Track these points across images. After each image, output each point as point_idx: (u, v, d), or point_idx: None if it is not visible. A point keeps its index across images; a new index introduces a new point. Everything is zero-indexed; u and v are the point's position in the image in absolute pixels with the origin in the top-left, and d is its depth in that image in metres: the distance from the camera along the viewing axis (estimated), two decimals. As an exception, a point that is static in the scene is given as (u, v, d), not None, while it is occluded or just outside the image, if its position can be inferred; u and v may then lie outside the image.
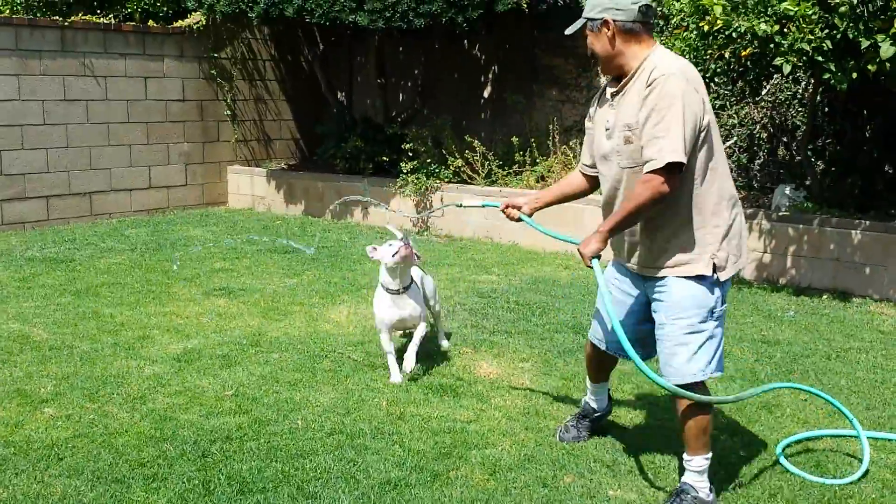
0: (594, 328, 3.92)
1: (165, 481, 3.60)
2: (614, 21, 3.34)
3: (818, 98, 7.89)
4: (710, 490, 3.45)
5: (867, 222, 6.86)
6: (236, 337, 5.57)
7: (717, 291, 3.36)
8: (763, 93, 8.44)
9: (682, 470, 3.55)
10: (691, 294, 3.35)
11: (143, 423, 4.19)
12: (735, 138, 8.75)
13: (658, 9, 8.85)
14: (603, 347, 3.87)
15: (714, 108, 8.59)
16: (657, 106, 3.21)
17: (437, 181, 9.44)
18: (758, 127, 8.73)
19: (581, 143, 9.73)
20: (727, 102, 8.60)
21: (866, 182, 7.47)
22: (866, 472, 3.74)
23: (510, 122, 10.61)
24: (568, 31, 3.52)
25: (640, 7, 3.35)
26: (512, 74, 10.74)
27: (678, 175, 3.22)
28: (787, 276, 7.18)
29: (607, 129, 3.48)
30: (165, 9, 11.19)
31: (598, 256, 3.44)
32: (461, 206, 4.51)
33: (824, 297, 6.77)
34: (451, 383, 4.76)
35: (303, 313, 6.20)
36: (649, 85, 3.25)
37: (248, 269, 7.61)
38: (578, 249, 3.47)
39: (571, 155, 9.38)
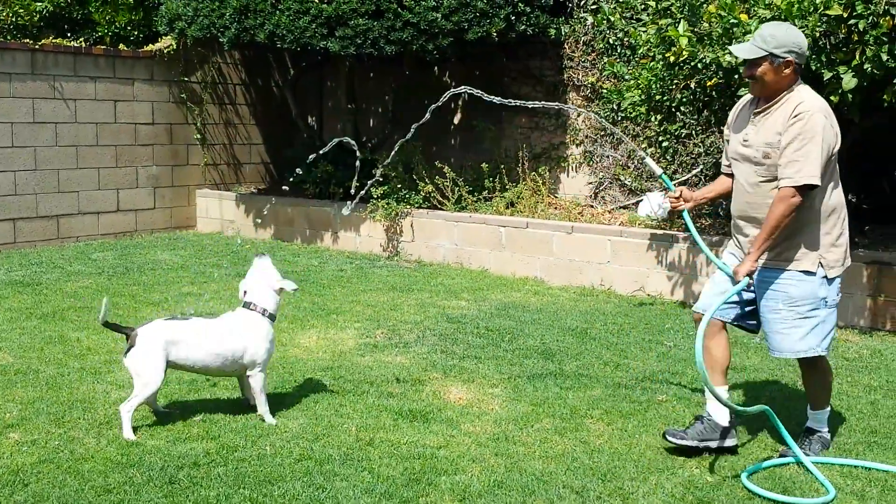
0: (701, 298, 4.42)
1: (132, 508, 3.57)
2: (795, 62, 4.00)
3: (782, 128, 8.02)
4: (827, 432, 4.35)
5: (830, 250, 6.96)
6: (204, 362, 5.53)
7: (827, 285, 4.06)
8: (729, 122, 8.57)
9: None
10: (805, 287, 4.05)
11: (110, 449, 4.14)
12: (701, 166, 8.86)
13: (626, 39, 9.00)
14: (706, 314, 4.13)
15: (680, 136, 8.71)
16: (801, 135, 3.90)
17: (408, 206, 9.47)
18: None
19: (549, 170, 9.87)
20: (693, 131, 8.72)
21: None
22: (833, 497, 3.78)
23: (480, 149, 10.68)
24: (745, 56, 4.04)
25: (807, 53, 4.10)
26: (481, 102, 10.80)
27: (809, 192, 3.94)
28: (752, 302, 7.26)
29: (745, 141, 4.15)
30: (136, 33, 11.19)
31: (751, 275, 4.09)
32: (644, 159, 4.66)
33: (789, 323, 6.85)
34: (420, 409, 4.76)
35: (272, 338, 6.16)
36: (795, 115, 3.93)
37: (217, 293, 7.57)
38: (735, 270, 4.12)
39: (540, 181, 9.46)
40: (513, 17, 9.09)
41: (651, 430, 4.56)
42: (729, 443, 4.24)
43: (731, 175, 4.35)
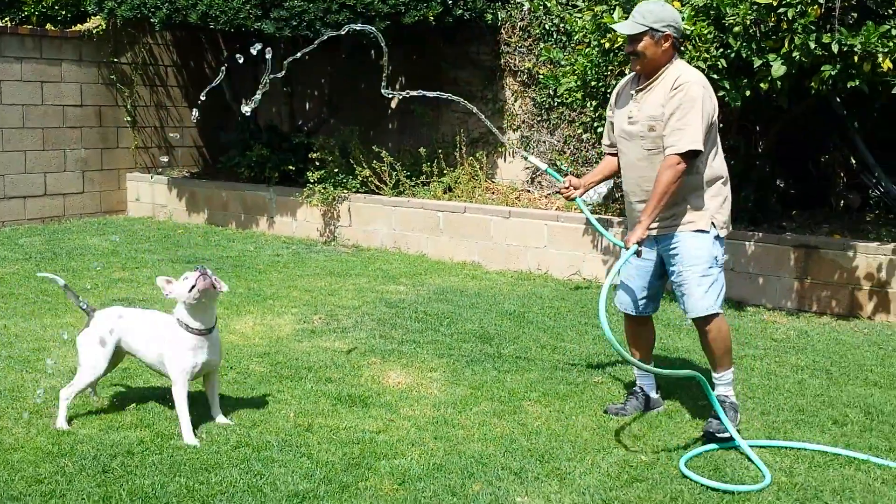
0: (620, 297, 4.59)
1: (64, 498, 3.49)
2: (673, 36, 4.18)
3: (714, 114, 8.16)
4: (734, 396, 4.43)
5: (760, 234, 7.13)
6: (138, 349, 5.44)
7: (718, 245, 4.28)
8: (662, 108, 8.69)
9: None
10: (701, 247, 4.23)
11: (40, 439, 4.05)
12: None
13: (562, 25, 9.04)
14: (633, 312, 4.56)
15: (616, 122, 8.80)
16: (682, 105, 4.09)
17: (345, 191, 9.42)
18: (657, 141, 8.97)
19: (487, 155, 9.87)
20: (628, 117, 8.83)
21: (759, 196, 7.77)
22: (769, 484, 3.81)
23: (418, 134, 10.66)
24: (626, 32, 4.21)
25: (683, 28, 4.33)
26: (419, 86, 10.77)
27: (692, 159, 4.13)
28: (685, 286, 7.40)
29: (630, 118, 4.31)
30: (64, 12, 10.87)
31: (640, 243, 4.20)
32: (526, 158, 4.84)
33: (720, 306, 7.00)
34: (359, 393, 4.75)
35: (207, 324, 6.08)
36: (675, 88, 4.12)
37: (149, 279, 7.42)
38: (626, 239, 4.22)
39: (478, 166, 9.48)
40: (450, 2, 9.07)
41: (587, 411, 4.62)
42: (661, 409, 4.67)
43: (615, 155, 4.54)
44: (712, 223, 4.25)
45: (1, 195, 9.91)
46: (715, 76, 6.28)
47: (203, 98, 5.41)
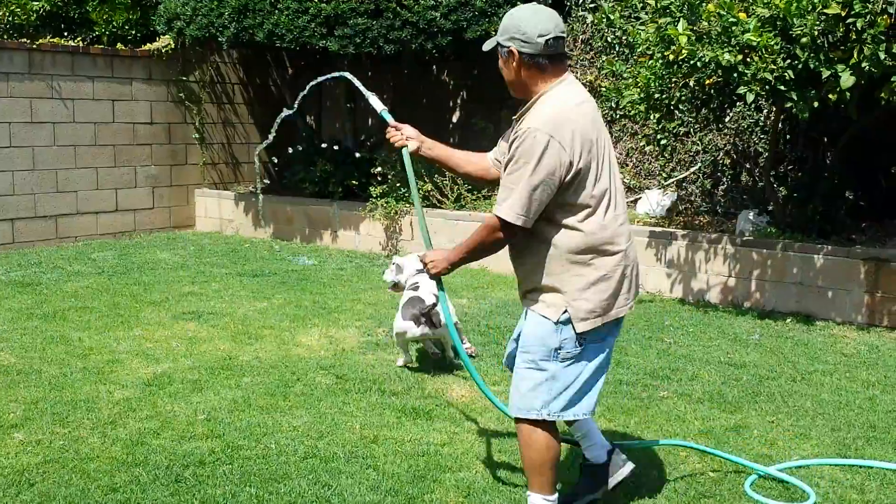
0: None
1: (139, 506, 3.59)
2: (519, 52, 3.25)
3: (780, 125, 8.07)
4: None
5: (829, 247, 7.00)
6: (207, 361, 5.56)
7: (564, 333, 3.23)
8: (726, 120, 8.61)
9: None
10: (537, 330, 3.28)
11: (115, 448, 4.16)
12: (699, 164, 8.90)
13: (625, 38, 9.01)
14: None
15: (678, 134, 8.73)
16: (515, 157, 3.17)
17: (407, 205, 9.49)
18: (721, 153, 8.89)
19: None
20: (691, 129, 8.75)
21: (827, 207, 7.64)
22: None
23: (478, 147, 10.65)
24: (485, 48, 3.44)
25: (546, 41, 3.22)
26: (480, 100, 10.84)
27: (516, 228, 3.17)
28: (751, 299, 7.30)
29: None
30: (134, 32, 11.19)
31: (439, 280, 3.59)
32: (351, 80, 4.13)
33: (788, 320, 6.89)
34: (423, 406, 4.79)
35: (273, 337, 6.19)
36: (521, 133, 3.18)
37: (217, 292, 7.59)
38: (430, 258, 3.48)
39: (539, 180, 9.48)
40: (511, 16, 9.10)
41: (653, 426, 4.59)
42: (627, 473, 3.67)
43: (492, 166, 3.85)
44: (565, 311, 3.20)
45: (74, 211, 10.20)
46: (782, 87, 6.20)
47: (271, 136, 4.95)
